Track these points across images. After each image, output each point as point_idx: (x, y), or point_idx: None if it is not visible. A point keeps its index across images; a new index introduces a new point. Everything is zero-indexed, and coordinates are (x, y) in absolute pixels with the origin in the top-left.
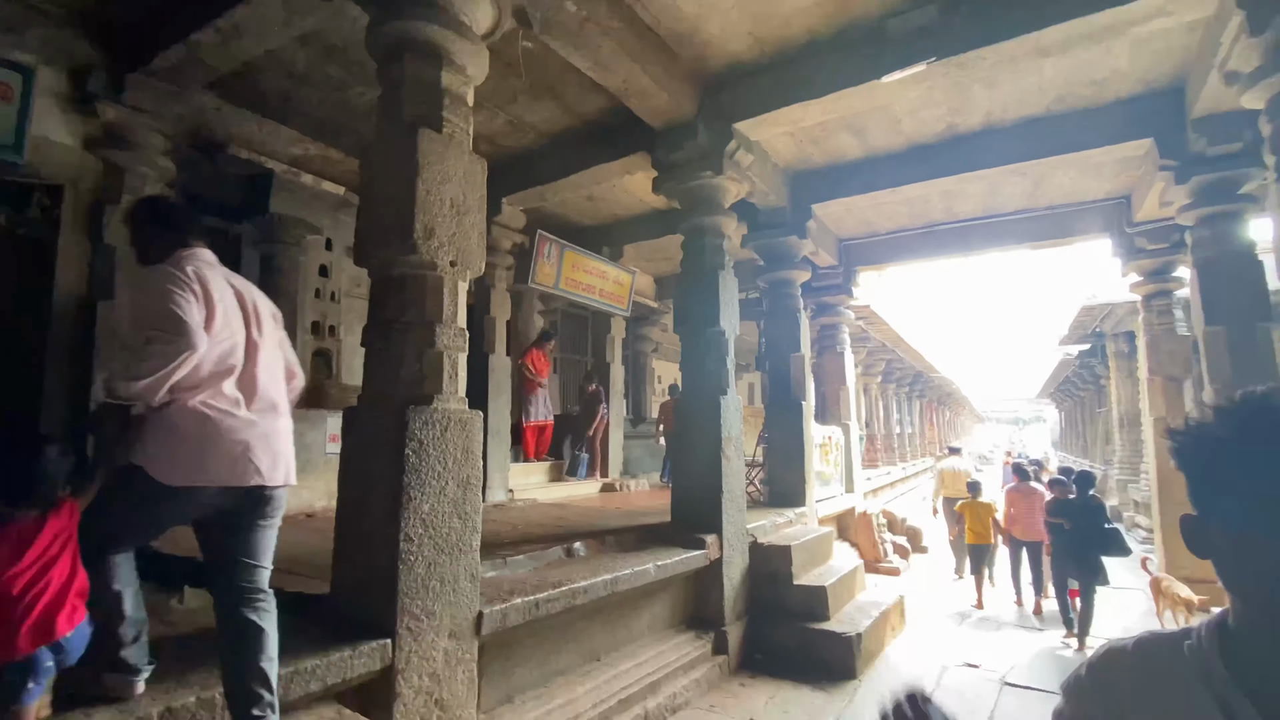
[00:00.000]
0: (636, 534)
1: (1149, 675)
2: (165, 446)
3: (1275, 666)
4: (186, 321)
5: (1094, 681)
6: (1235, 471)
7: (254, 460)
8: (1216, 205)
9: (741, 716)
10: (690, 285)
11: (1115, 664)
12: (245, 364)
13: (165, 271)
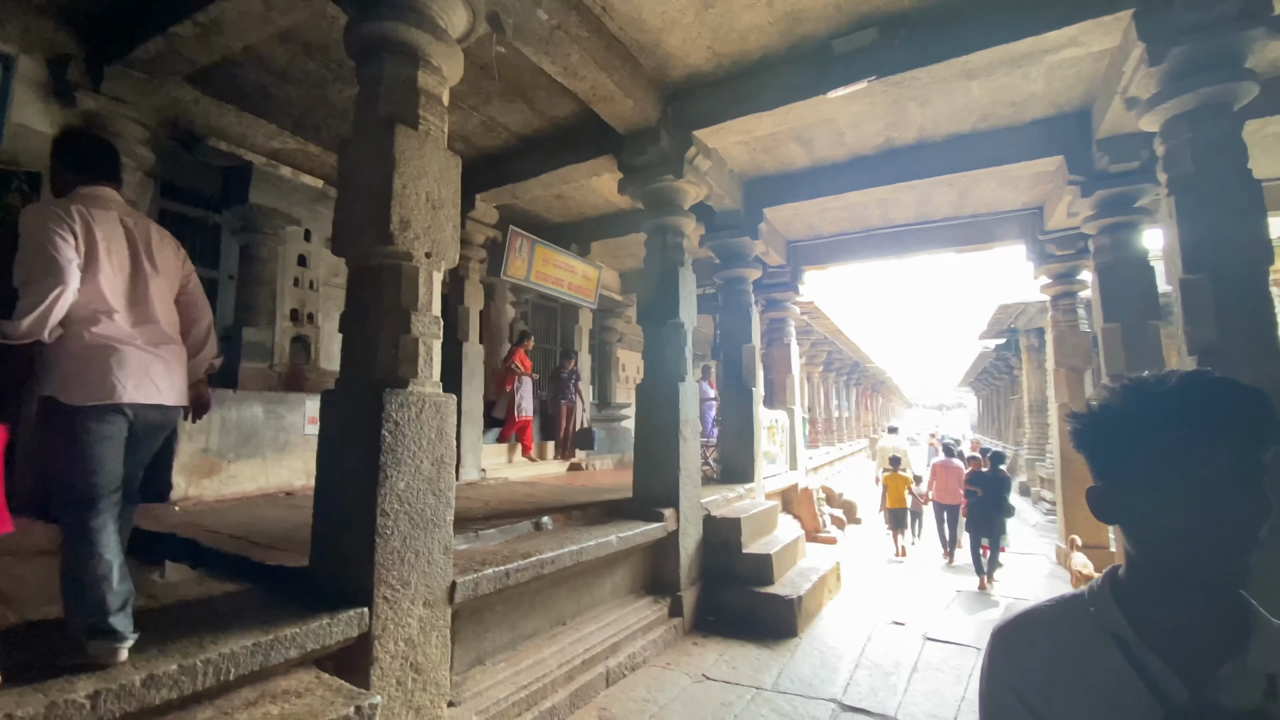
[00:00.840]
0: (601, 509)
1: (1056, 629)
2: (65, 373)
3: (1167, 610)
4: (57, 259)
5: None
6: (1128, 440)
7: (153, 381)
8: (1116, 216)
9: (694, 672)
10: (652, 280)
11: (1028, 624)
12: (135, 296)
13: (48, 211)
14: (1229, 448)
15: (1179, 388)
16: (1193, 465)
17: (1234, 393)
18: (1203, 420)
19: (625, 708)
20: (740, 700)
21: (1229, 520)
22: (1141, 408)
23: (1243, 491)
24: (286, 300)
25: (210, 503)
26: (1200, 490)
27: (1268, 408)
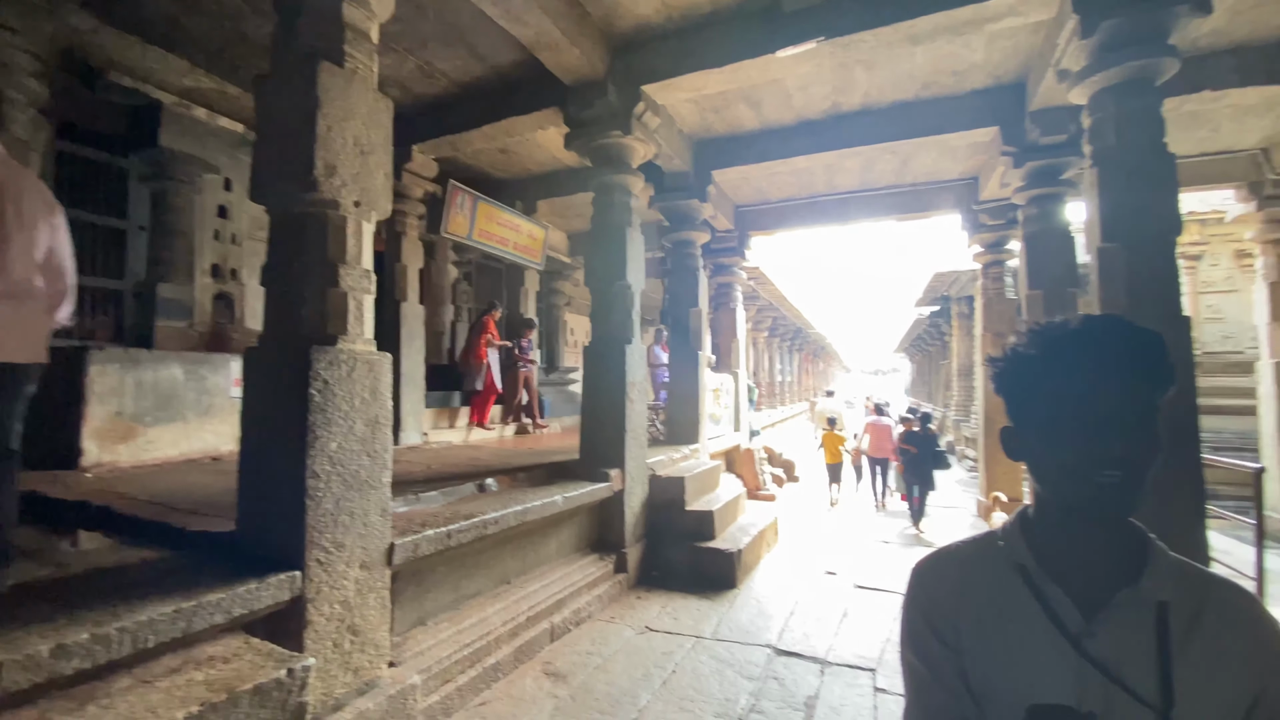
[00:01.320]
0: (547, 470)
1: (970, 565)
2: None
3: (1066, 543)
4: None
5: (930, 575)
6: (1034, 380)
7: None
8: (1044, 188)
9: (637, 624)
10: (600, 240)
11: (945, 560)
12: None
13: None
14: (1120, 387)
15: (1079, 330)
16: (1086, 403)
17: (1127, 335)
18: (1096, 360)
19: (569, 661)
20: (681, 649)
21: (1114, 457)
22: (1045, 349)
23: (1131, 430)
24: (206, 254)
25: (126, 469)
26: (1090, 427)
27: (1160, 350)
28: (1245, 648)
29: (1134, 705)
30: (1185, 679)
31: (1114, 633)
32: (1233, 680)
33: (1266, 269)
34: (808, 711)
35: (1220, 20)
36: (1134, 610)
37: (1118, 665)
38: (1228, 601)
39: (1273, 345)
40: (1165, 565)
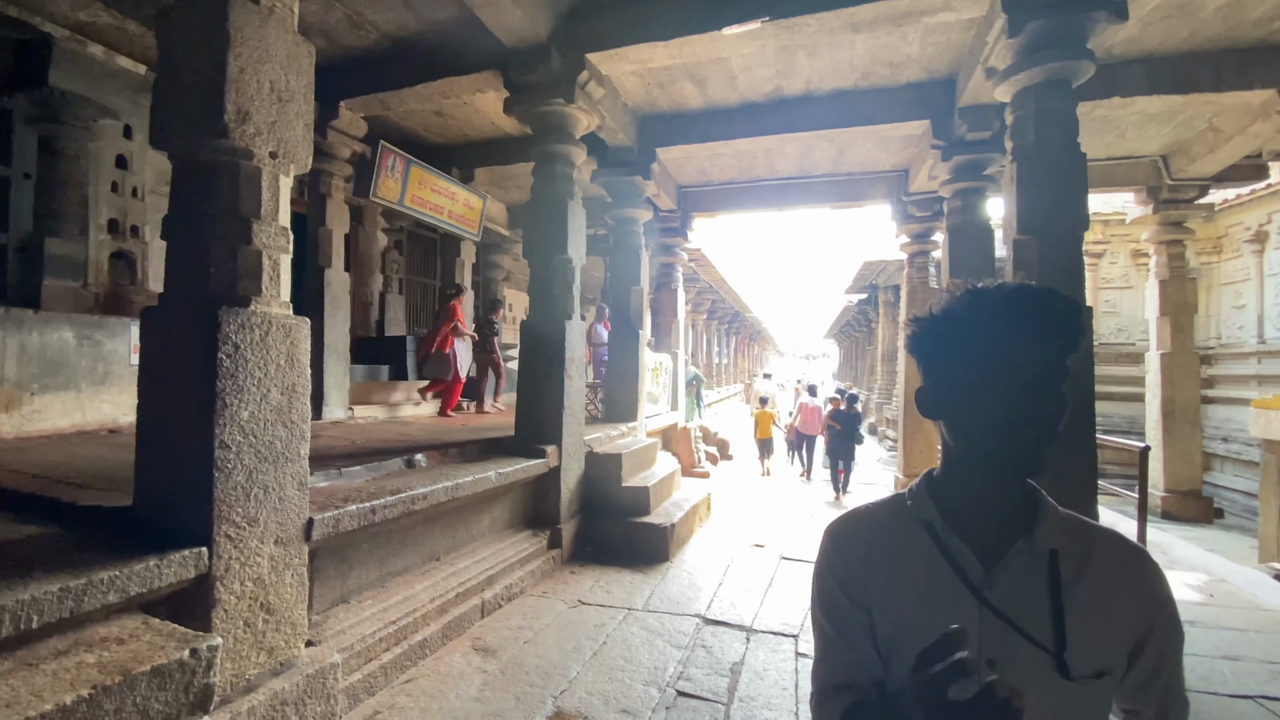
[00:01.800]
0: (480, 446)
1: (880, 523)
2: None
3: (969, 498)
4: None
5: (844, 532)
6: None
7: None
8: (968, 181)
9: (570, 598)
10: (540, 212)
11: (858, 519)
12: None
13: None
14: (1046, 349)
15: (1011, 293)
16: (1015, 363)
17: (1055, 301)
18: (1028, 323)
19: (500, 636)
20: (613, 621)
21: (1038, 414)
22: (976, 310)
23: (1051, 390)
24: (102, 208)
25: (10, 440)
26: (1017, 386)
27: (1079, 318)
28: (1130, 590)
29: (1030, 648)
30: (1075, 622)
31: (1011, 581)
32: (1119, 620)
33: (1159, 268)
34: (733, 677)
35: (1133, 30)
36: (1028, 559)
37: (1015, 612)
38: (1113, 548)
39: (1160, 338)
40: (1055, 517)
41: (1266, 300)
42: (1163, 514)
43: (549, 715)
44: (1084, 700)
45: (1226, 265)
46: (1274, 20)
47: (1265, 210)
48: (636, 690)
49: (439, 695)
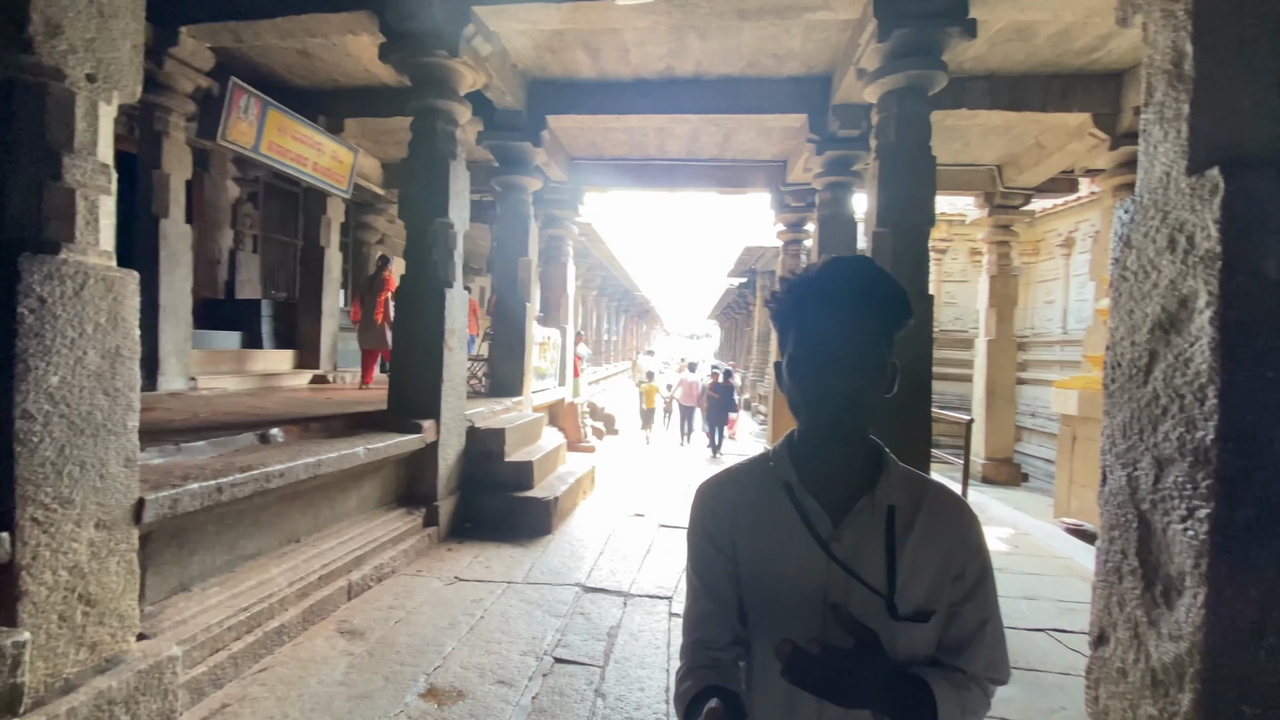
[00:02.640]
0: (347, 421)
1: (746, 483)
2: None
3: (820, 460)
4: None
5: (713, 492)
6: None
7: None
8: (838, 176)
9: (446, 575)
10: (418, 171)
11: (726, 479)
12: None
13: None
14: (849, 326)
15: (822, 270)
16: (820, 340)
17: (863, 275)
18: (832, 297)
19: (369, 617)
20: (491, 595)
21: (841, 388)
22: (798, 290)
23: (856, 365)
24: None
25: None
26: (821, 363)
27: (889, 287)
28: (949, 534)
29: (867, 594)
30: (905, 566)
31: (854, 534)
32: (939, 561)
33: (990, 265)
34: (610, 641)
35: (980, 48)
36: (870, 514)
37: (856, 562)
38: (938, 499)
39: (987, 326)
40: (895, 474)
41: (1070, 297)
42: (983, 479)
43: (421, 692)
44: (912, 638)
45: (1042, 265)
46: (1093, 51)
47: (1074, 219)
48: (514, 660)
49: (298, 682)
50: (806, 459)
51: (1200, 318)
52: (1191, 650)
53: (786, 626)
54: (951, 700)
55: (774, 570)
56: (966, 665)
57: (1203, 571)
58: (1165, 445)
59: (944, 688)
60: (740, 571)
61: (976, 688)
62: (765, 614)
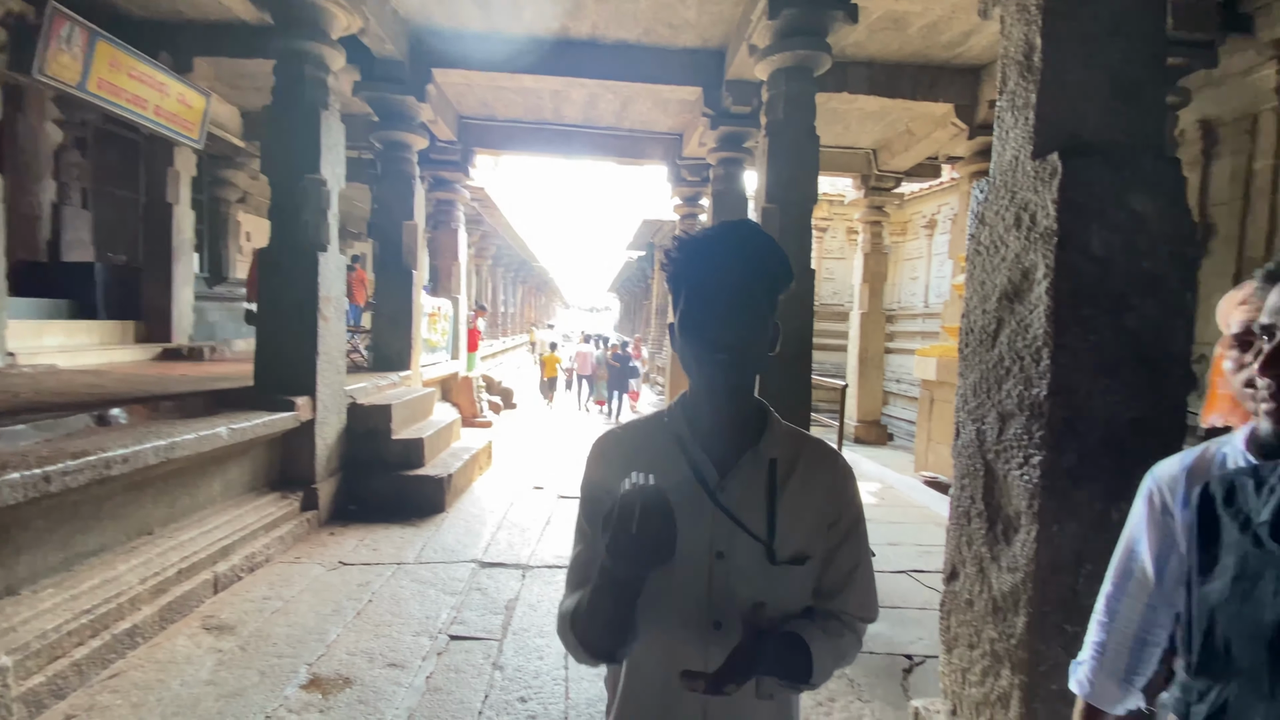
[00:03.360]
0: (207, 399)
1: (641, 438)
2: None
3: (709, 415)
4: None
5: (610, 442)
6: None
7: None
8: (731, 152)
9: (329, 561)
10: (284, 121)
11: (621, 434)
12: None
13: None
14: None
15: (714, 230)
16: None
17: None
18: (722, 257)
19: (240, 610)
20: (380, 578)
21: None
22: (688, 251)
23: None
24: None
25: None
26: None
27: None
28: (824, 485)
29: (749, 541)
30: (784, 515)
31: (739, 486)
32: (815, 510)
33: (864, 243)
34: (508, 614)
35: (861, 34)
36: (753, 467)
37: (740, 511)
38: (815, 453)
39: (861, 300)
40: (777, 431)
41: (932, 274)
42: (855, 439)
43: (303, 683)
44: (790, 582)
45: (908, 245)
46: (957, 46)
47: (937, 203)
48: (406, 642)
49: (157, 685)
50: (697, 415)
51: (1039, 288)
52: (1025, 579)
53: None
54: (826, 652)
55: None
56: (841, 607)
57: (1035, 511)
58: (1008, 401)
59: (819, 641)
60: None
61: (850, 631)
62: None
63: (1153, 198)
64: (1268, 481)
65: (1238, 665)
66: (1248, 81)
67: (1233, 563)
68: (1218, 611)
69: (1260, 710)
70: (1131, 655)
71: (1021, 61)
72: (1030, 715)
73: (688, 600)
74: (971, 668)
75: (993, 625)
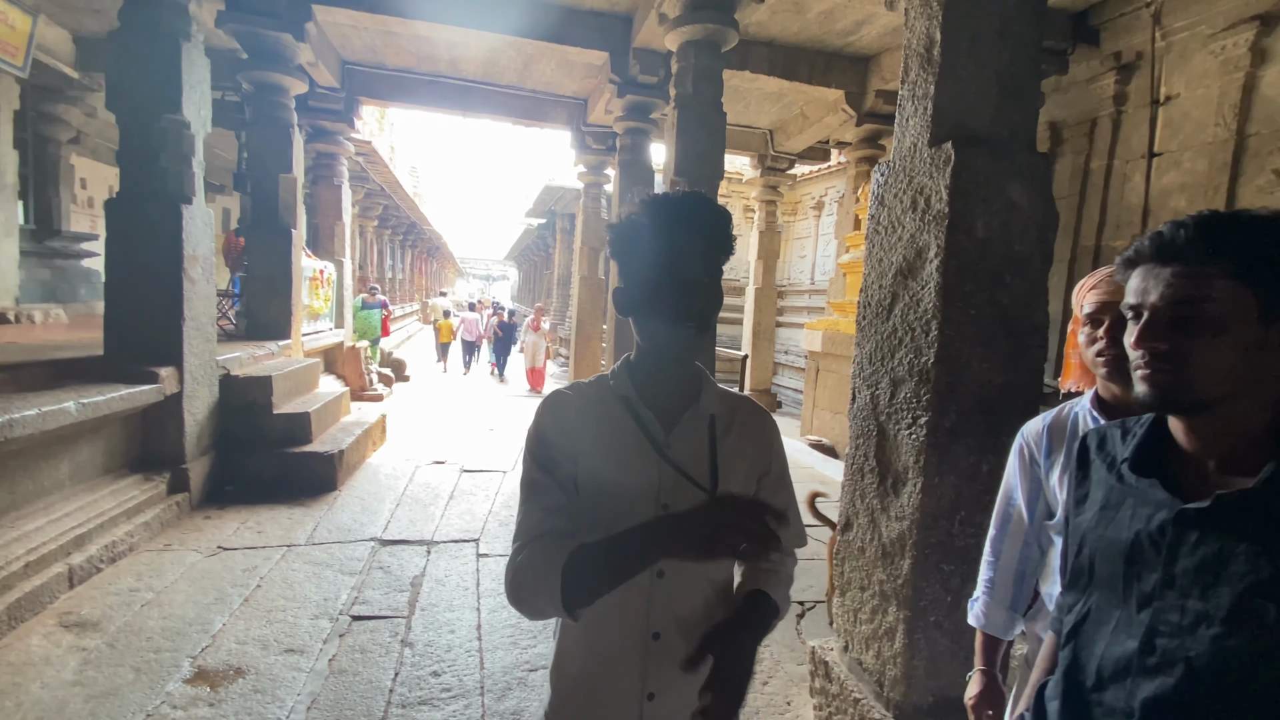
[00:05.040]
0: (48, 370)
1: (586, 397)
2: None
3: (655, 377)
4: None
5: (555, 404)
6: (640, 244)
7: None
8: (637, 121)
9: (207, 546)
10: (134, 50)
11: (570, 392)
12: None
13: None
14: (703, 254)
15: (679, 200)
16: (681, 266)
17: (710, 211)
18: (691, 225)
19: (103, 604)
20: (268, 562)
21: (699, 310)
22: (649, 217)
23: (707, 290)
24: None
25: None
26: (682, 287)
27: (729, 225)
28: (758, 437)
29: (694, 490)
30: (724, 466)
31: (683, 440)
32: (750, 462)
33: (760, 221)
34: (414, 590)
35: (764, 15)
36: (695, 423)
37: (686, 464)
38: (749, 411)
39: (755, 276)
40: (714, 391)
41: (819, 253)
42: None
43: (187, 677)
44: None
45: (799, 224)
46: (851, 34)
47: (825, 185)
48: (303, 626)
49: (12, 690)
50: (644, 377)
51: (930, 266)
52: (911, 527)
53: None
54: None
55: (611, 476)
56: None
57: (920, 465)
58: (899, 369)
59: (773, 583)
60: (579, 472)
61: (790, 558)
62: (600, 521)
63: (1026, 187)
64: (1132, 430)
65: (1099, 578)
66: (1090, 89)
67: (1100, 496)
68: (1086, 536)
69: (1115, 615)
70: (1015, 587)
71: (922, 54)
72: (913, 645)
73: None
74: (862, 608)
75: (882, 569)
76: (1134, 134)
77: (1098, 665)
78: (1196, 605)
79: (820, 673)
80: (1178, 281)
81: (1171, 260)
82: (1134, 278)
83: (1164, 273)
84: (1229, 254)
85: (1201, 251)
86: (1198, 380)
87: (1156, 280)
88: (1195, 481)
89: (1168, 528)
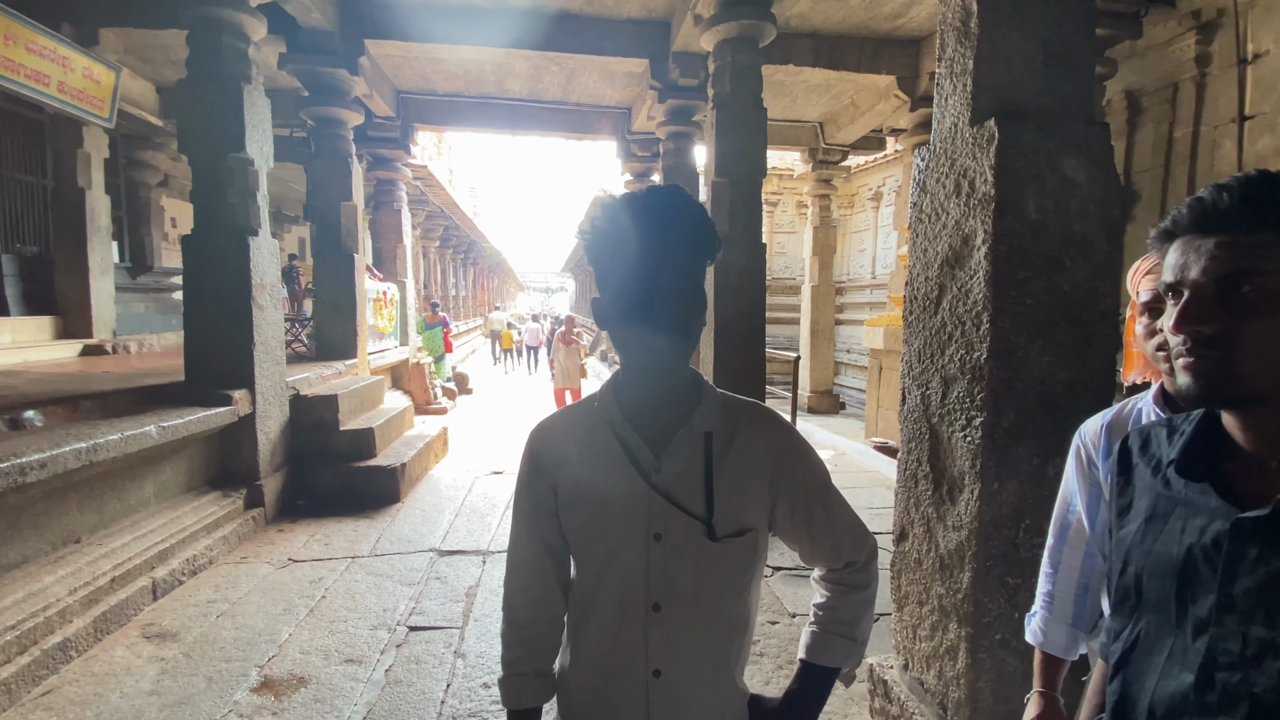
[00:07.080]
0: (134, 396)
1: (573, 424)
2: None
3: (641, 396)
4: None
5: (542, 433)
6: (610, 252)
7: None
8: (680, 125)
9: (279, 559)
10: (202, 96)
11: (555, 421)
12: None
13: None
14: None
15: (645, 198)
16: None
17: (684, 205)
18: (659, 227)
19: (183, 616)
20: (333, 574)
21: (667, 323)
22: (619, 218)
23: (682, 297)
24: None
25: None
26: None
27: (707, 221)
28: (762, 450)
29: (687, 520)
30: (722, 489)
31: (674, 465)
32: (755, 477)
33: (813, 216)
34: (469, 601)
35: (805, 5)
36: (688, 443)
37: (677, 490)
38: (754, 418)
39: (811, 273)
40: (711, 401)
41: (879, 246)
42: (808, 409)
43: (254, 686)
44: (731, 557)
45: (856, 217)
46: (899, 17)
47: (882, 175)
48: (363, 636)
49: (94, 700)
50: (629, 395)
51: (978, 253)
52: (970, 537)
53: (611, 562)
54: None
55: (598, 506)
56: (847, 557)
57: (977, 470)
58: (950, 366)
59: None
60: (563, 510)
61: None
62: (588, 552)
63: (1083, 162)
64: (1179, 428)
65: (1148, 600)
66: (1169, 52)
67: (1145, 505)
68: (1131, 552)
69: (1168, 643)
70: (1076, 601)
71: (959, 27)
72: (976, 664)
73: (625, 584)
74: (921, 623)
75: (940, 582)
76: (1221, 97)
77: (1149, 702)
78: (1260, 632)
79: (879, 692)
80: (1222, 254)
81: (1215, 229)
82: (1172, 252)
83: (1206, 244)
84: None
85: (1250, 217)
86: (1248, 368)
87: (1198, 253)
88: (1254, 485)
89: (1223, 540)
